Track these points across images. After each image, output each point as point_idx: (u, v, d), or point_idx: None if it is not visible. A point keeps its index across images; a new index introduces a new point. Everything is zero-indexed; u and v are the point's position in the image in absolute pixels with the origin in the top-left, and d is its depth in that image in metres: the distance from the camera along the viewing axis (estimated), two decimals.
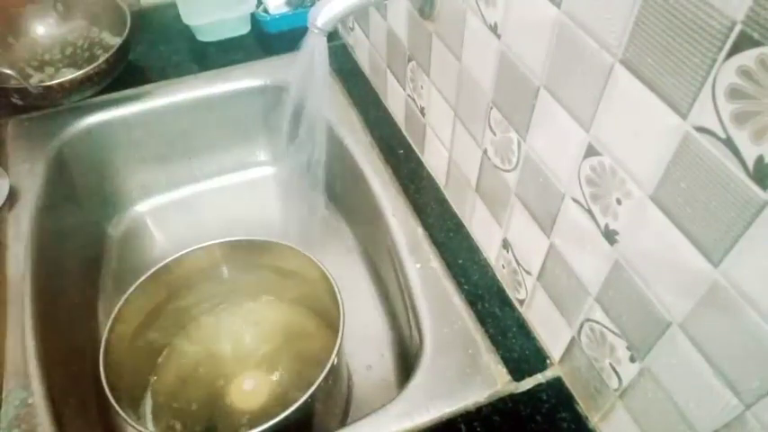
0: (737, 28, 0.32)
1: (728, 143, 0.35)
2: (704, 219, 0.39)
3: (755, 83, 0.32)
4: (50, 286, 0.76)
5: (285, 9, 1.07)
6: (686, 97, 0.37)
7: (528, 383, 0.63)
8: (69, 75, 0.90)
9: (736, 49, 0.33)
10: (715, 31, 0.34)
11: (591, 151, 0.48)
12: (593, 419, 0.60)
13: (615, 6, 0.40)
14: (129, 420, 0.59)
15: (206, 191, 1.08)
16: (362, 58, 1.00)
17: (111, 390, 0.62)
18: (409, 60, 0.79)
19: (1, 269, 0.73)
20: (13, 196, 0.81)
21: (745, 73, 0.33)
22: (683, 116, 0.38)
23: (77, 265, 0.88)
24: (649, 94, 0.40)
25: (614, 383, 0.54)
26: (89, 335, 0.80)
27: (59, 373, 0.67)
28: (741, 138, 0.34)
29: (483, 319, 0.69)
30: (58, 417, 0.61)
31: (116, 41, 0.97)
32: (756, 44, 0.31)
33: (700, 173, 0.38)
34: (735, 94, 0.34)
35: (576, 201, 0.52)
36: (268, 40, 1.08)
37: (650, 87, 0.40)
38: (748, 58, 0.32)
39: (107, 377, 0.63)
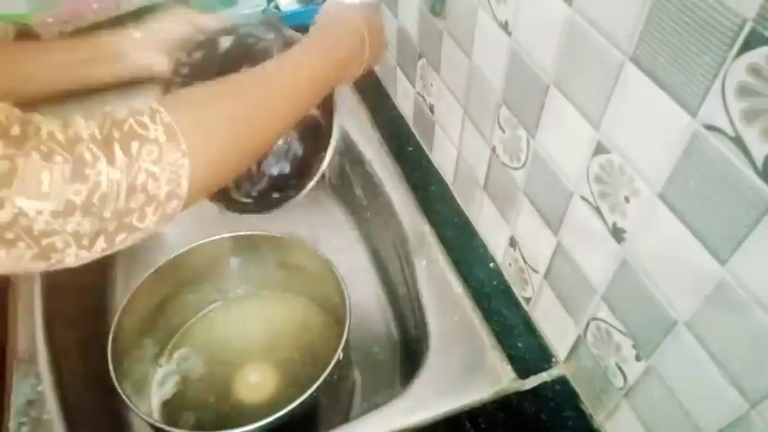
0: (748, 25, 0.32)
1: (738, 141, 0.35)
2: (712, 217, 0.39)
3: (765, 81, 0.32)
4: (60, 277, 0.77)
5: (296, 5, 1.07)
6: (696, 95, 0.37)
7: (533, 381, 0.63)
8: None
9: (746, 46, 0.33)
10: (725, 29, 0.34)
11: (600, 149, 0.48)
12: (598, 418, 0.60)
13: (626, 4, 0.40)
14: (135, 409, 0.60)
15: None
16: None
17: (119, 379, 0.63)
18: (419, 58, 0.79)
19: None
20: None
21: (755, 71, 0.33)
22: (693, 114, 0.38)
23: None
24: (659, 92, 0.40)
25: (619, 382, 0.54)
26: (98, 325, 0.81)
27: (68, 362, 0.68)
28: (750, 136, 0.34)
29: (489, 316, 0.69)
30: (66, 404, 0.62)
31: None
32: (767, 42, 0.31)
33: (708, 171, 0.38)
34: (744, 91, 0.34)
35: (584, 199, 0.52)
36: None
37: (660, 85, 0.40)
38: (759, 55, 0.32)
39: (115, 367, 0.64)
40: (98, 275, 0.91)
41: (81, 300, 0.82)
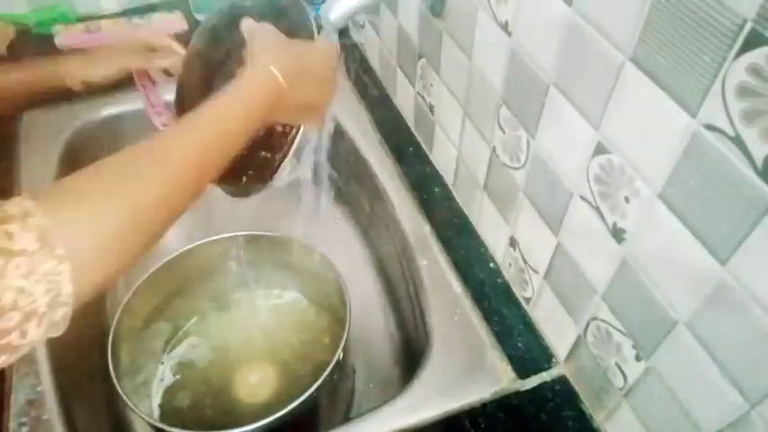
0: (748, 25, 0.32)
1: (738, 141, 0.35)
2: (712, 217, 0.39)
3: (765, 81, 0.32)
4: None
5: None
6: (696, 95, 0.37)
7: (533, 381, 0.63)
8: None
9: (746, 46, 0.33)
10: (726, 29, 0.34)
11: (600, 149, 0.48)
12: (598, 418, 0.60)
13: (626, 4, 0.40)
14: (135, 409, 0.60)
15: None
16: (372, 55, 1.01)
17: (119, 379, 0.63)
18: (419, 58, 0.79)
19: None
20: (26, 187, 0.82)
21: (755, 71, 0.33)
22: (693, 114, 0.38)
23: None
24: (659, 93, 0.40)
25: (619, 382, 0.54)
26: (98, 325, 0.81)
27: (68, 362, 0.68)
28: (750, 136, 0.34)
29: (489, 316, 0.69)
30: (66, 404, 0.62)
31: None
32: (767, 42, 0.32)
33: (708, 171, 0.38)
34: (744, 92, 0.34)
35: (584, 199, 0.52)
36: None
37: (660, 85, 0.40)
38: (759, 56, 0.32)
39: (115, 367, 0.64)
40: None
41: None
